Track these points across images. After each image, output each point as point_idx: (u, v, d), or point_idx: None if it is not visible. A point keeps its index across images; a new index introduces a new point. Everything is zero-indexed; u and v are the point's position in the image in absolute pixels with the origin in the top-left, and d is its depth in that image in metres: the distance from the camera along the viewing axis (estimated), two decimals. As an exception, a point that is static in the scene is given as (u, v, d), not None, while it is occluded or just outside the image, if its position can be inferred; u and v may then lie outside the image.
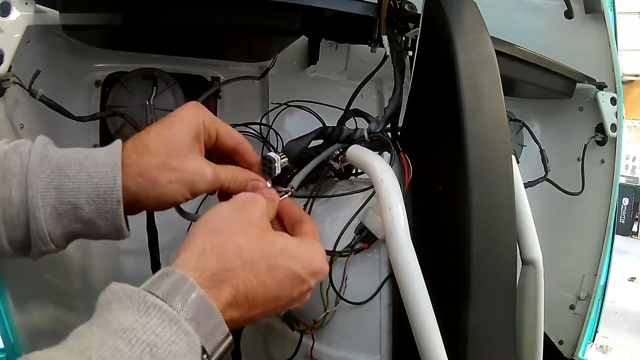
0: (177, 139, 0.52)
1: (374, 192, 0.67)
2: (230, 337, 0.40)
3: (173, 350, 0.34)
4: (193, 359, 0.36)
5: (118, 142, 0.51)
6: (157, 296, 0.37)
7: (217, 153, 0.60)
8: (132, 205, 0.51)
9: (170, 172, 0.51)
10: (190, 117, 0.54)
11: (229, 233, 0.43)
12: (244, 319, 0.43)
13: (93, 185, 0.47)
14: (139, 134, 0.53)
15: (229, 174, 0.56)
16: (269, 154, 0.65)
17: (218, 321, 0.39)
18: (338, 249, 0.71)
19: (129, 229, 0.54)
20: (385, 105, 0.76)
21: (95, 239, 0.53)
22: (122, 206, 0.48)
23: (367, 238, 0.70)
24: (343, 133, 0.74)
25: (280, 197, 0.60)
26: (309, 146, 0.74)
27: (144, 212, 0.93)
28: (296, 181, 0.68)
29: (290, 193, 0.64)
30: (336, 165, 0.76)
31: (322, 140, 0.78)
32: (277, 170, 0.64)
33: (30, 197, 0.45)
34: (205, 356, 0.37)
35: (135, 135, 0.53)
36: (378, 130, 0.73)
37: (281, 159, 0.65)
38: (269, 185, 0.63)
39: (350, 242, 0.72)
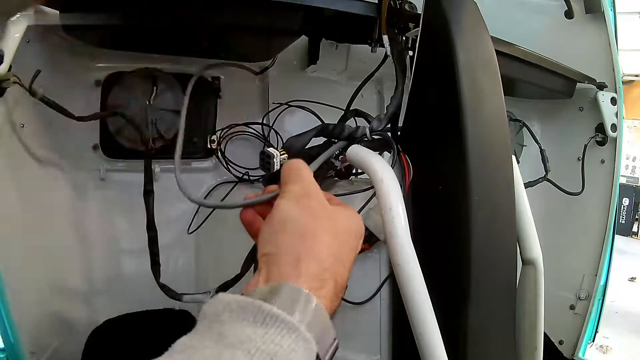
0: None
1: (374, 193, 0.67)
2: (337, 341, 0.41)
3: (292, 359, 0.34)
4: None
5: None
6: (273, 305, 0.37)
7: None
8: None
9: None
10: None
11: (312, 233, 0.44)
12: (339, 301, 0.45)
13: None
14: None
15: None
16: (267, 149, 0.64)
17: (328, 326, 0.40)
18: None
19: None
20: (387, 104, 0.76)
21: None
22: None
23: (369, 239, 0.70)
24: (345, 131, 0.73)
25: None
26: (309, 146, 0.73)
27: (144, 212, 0.94)
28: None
29: None
30: (338, 164, 0.75)
31: (322, 138, 0.77)
32: (275, 166, 0.63)
33: None
34: None
35: None
36: (380, 129, 0.73)
37: (281, 155, 0.64)
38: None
39: (351, 243, 0.72)
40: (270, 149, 0.63)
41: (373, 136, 0.74)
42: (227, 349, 0.33)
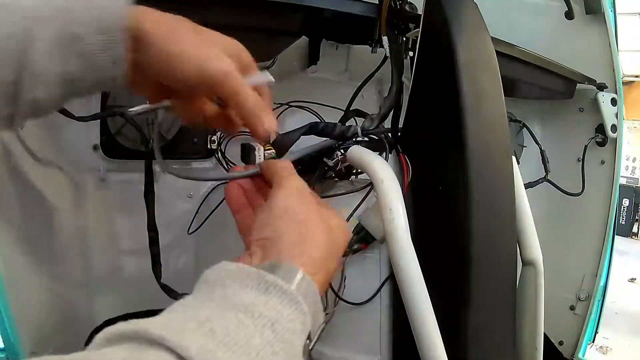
0: (216, 42, 0.51)
1: (370, 191, 0.67)
2: (324, 325, 0.43)
3: (291, 328, 0.35)
4: (302, 340, 0.37)
5: None
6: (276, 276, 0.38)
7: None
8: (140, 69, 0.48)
9: (194, 49, 0.48)
10: (235, 46, 0.52)
11: (311, 222, 0.45)
12: (323, 293, 0.45)
13: (98, 16, 0.44)
14: None
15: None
16: (249, 142, 0.62)
17: (320, 308, 0.41)
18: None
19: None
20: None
21: (90, 90, 0.48)
22: (127, 36, 0.44)
23: (365, 238, 0.70)
24: (336, 129, 0.73)
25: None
26: (309, 149, 0.73)
27: (145, 213, 0.94)
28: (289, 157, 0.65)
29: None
30: (330, 164, 0.75)
31: (314, 136, 0.77)
32: (257, 160, 0.61)
33: (30, 29, 0.41)
34: (307, 341, 0.38)
35: None
36: (372, 128, 0.73)
37: (266, 150, 0.63)
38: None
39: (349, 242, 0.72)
40: (253, 142, 0.61)
41: (371, 136, 0.74)
42: (230, 310, 0.34)
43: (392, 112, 0.78)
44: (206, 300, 0.36)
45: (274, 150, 0.64)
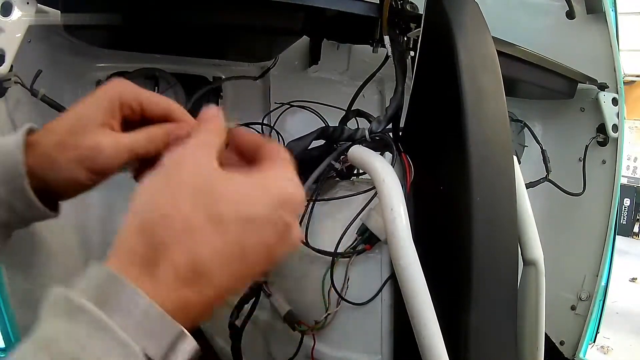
0: (83, 116, 0.47)
1: (375, 194, 0.67)
2: (187, 337, 0.31)
3: None
4: None
5: (27, 124, 0.48)
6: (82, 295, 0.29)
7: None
8: (46, 190, 0.48)
9: (67, 151, 0.46)
10: (104, 92, 0.48)
11: (156, 203, 0.33)
12: (207, 296, 0.33)
13: (1, 165, 0.45)
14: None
15: (141, 136, 0.47)
16: None
17: (162, 320, 0.30)
18: (340, 250, 0.70)
19: (57, 210, 0.50)
20: (387, 105, 0.76)
21: (25, 224, 0.50)
22: (27, 180, 0.45)
23: (370, 239, 0.70)
24: (344, 133, 0.74)
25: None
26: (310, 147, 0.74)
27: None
28: (306, 185, 0.66)
29: None
30: (338, 166, 0.75)
31: (323, 140, 0.77)
32: None
33: None
34: None
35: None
36: (379, 130, 0.73)
37: None
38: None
39: (352, 243, 0.72)
40: None
41: (372, 137, 0.74)
42: (39, 352, 0.28)
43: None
44: (27, 340, 0.29)
45: None
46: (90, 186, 0.48)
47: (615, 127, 1.37)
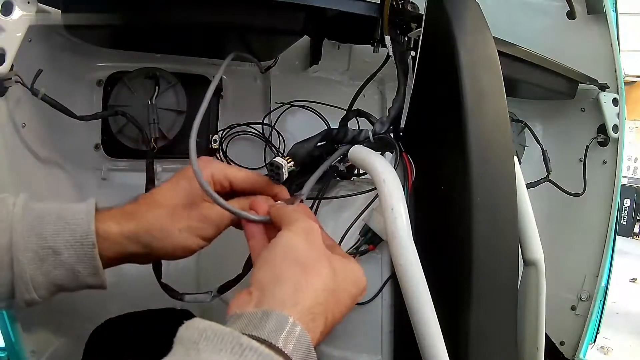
0: (189, 193, 0.58)
1: (377, 194, 0.67)
2: None
3: None
4: None
5: (93, 198, 0.57)
6: (252, 337, 0.36)
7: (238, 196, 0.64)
8: (147, 255, 0.57)
9: (180, 221, 0.56)
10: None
11: (312, 266, 0.45)
12: (324, 335, 0.46)
13: (70, 231, 0.51)
14: (150, 191, 0.60)
15: (235, 207, 0.59)
16: (275, 159, 0.64)
17: (313, 357, 0.41)
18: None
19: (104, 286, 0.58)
20: (389, 106, 0.76)
21: (77, 288, 0.56)
22: (97, 249, 0.52)
23: (373, 240, 0.70)
24: (348, 134, 0.73)
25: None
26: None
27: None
28: (306, 189, 0.66)
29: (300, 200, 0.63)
30: (341, 167, 0.75)
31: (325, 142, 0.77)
32: (284, 176, 0.63)
33: (14, 242, 0.49)
34: None
35: (146, 193, 0.60)
36: (383, 131, 0.73)
37: (287, 163, 0.64)
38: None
39: (355, 244, 0.72)
40: (278, 159, 0.63)
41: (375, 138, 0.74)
42: None
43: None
44: None
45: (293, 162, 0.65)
46: (196, 250, 0.61)
47: (615, 128, 1.37)
